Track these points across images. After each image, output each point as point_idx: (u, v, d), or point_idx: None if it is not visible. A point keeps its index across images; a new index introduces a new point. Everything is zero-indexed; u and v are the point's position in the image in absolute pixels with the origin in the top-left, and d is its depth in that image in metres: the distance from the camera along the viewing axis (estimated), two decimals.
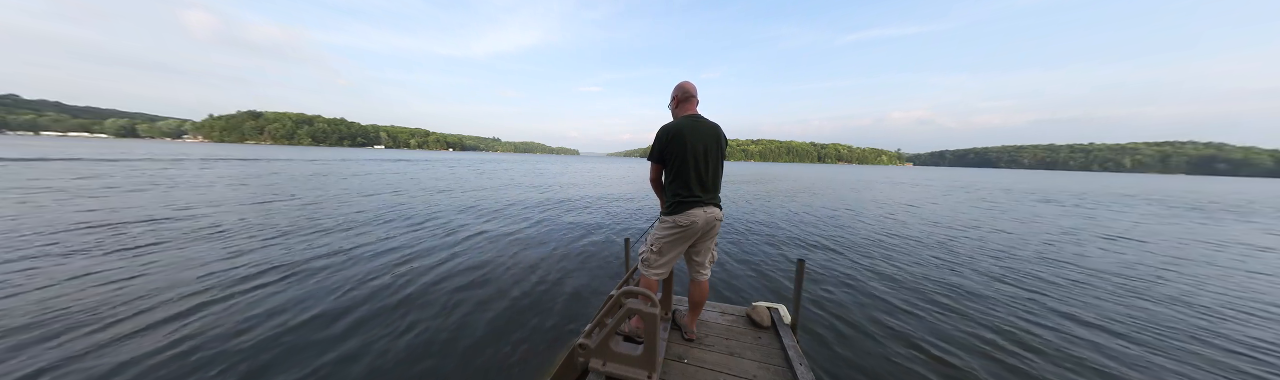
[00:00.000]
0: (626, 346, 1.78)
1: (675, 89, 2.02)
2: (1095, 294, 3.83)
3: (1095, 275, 4.49)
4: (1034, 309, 3.38)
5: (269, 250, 4.33)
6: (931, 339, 2.76)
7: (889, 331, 2.86)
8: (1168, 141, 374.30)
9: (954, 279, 4.18)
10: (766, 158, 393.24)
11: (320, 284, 3.37)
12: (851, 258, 5.02)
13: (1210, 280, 4.44)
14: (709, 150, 1.86)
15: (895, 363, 2.43)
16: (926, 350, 2.60)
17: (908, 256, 5.16)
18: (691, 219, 1.83)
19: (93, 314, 2.65)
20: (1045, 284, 4.10)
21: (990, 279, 4.22)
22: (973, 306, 3.40)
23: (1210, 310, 3.47)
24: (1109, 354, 2.62)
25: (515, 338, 2.59)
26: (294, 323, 2.65)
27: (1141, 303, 3.62)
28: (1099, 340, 2.82)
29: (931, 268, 4.62)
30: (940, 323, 3.04)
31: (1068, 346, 2.71)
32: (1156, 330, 3.02)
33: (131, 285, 3.18)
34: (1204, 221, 9.99)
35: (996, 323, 3.07)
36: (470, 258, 4.38)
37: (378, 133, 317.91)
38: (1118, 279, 4.37)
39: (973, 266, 4.72)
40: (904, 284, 3.96)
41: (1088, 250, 5.90)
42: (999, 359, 2.52)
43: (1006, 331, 2.92)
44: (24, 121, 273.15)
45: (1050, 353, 2.61)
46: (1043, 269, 4.70)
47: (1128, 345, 2.75)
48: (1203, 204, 15.41)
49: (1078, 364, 2.48)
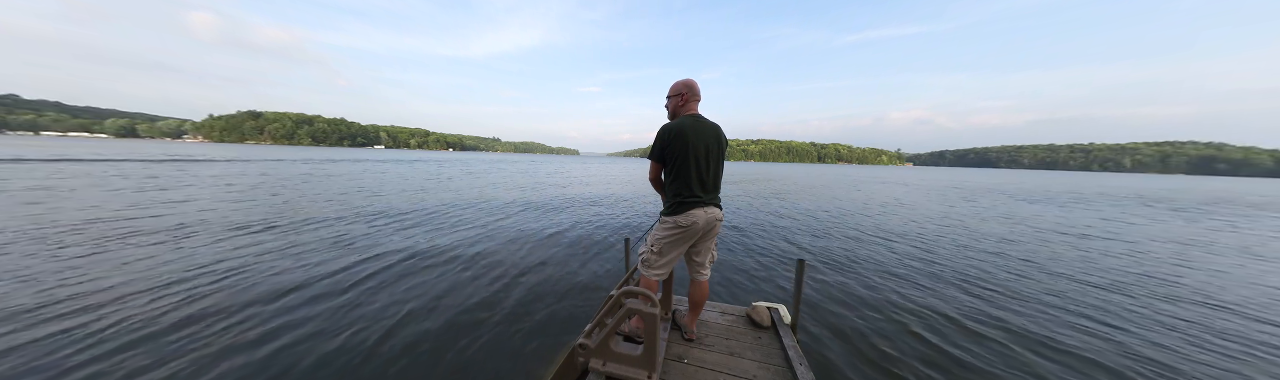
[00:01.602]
0: (626, 346, 1.78)
1: (679, 86, 1.93)
2: (1102, 295, 3.83)
3: (1100, 276, 4.50)
4: (1034, 309, 3.38)
5: (283, 261, 4.33)
6: (932, 338, 2.76)
7: (889, 331, 2.86)
8: (1168, 141, 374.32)
9: (954, 279, 4.18)
10: (766, 158, 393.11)
11: (320, 285, 3.38)
12: (852, 258, 5.02)
13: (1235, 290, 4.44)
14: (710, 150, 1.86)
15: (895, 362, 2.43)
16: (926, 350, 2.60)
17: (908, 256, 5.16)
18: (692, 219, 1.83)
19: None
20: (1047, 284, 4.09)
21: (990, 279, 4.22)
22: (973, 306, 3.40)
23: (1228, 308, 3.48)
24: (1123, 353, 2.62)
25: (515, 338, 2.59)
26: (297, 321, 2.66)
27: (1169, 306, 3.62)
28: (1103, 340, 2.82)
29: (932, 267, 4.61)
30: (941, 322, 3.04)
31: (1067, 347, 2.71)
32: (1172, 334, 3.02)
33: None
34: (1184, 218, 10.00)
35: (997, 322, 3.07)
36: (469, 258, 4.37)
37: (378, 133, 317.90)
38: (1130, 282, 4.38)
39: (973, 266, 4.72)
40: (904, 283, 3.96)
41: (1091, 254, 5.90)
42: (999, 359, 2.52)
43: (1007, 331, 2.91)
44: (24, 121, 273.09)
45: (1050, 352, 2.61)
46: (1044, 270, 4.70)
47: (1144, 344, 2.76)
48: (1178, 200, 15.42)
49: (1080, 362, 2.48)
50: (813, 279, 4.00)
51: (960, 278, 4.23)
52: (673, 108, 1.99)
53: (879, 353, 2.55)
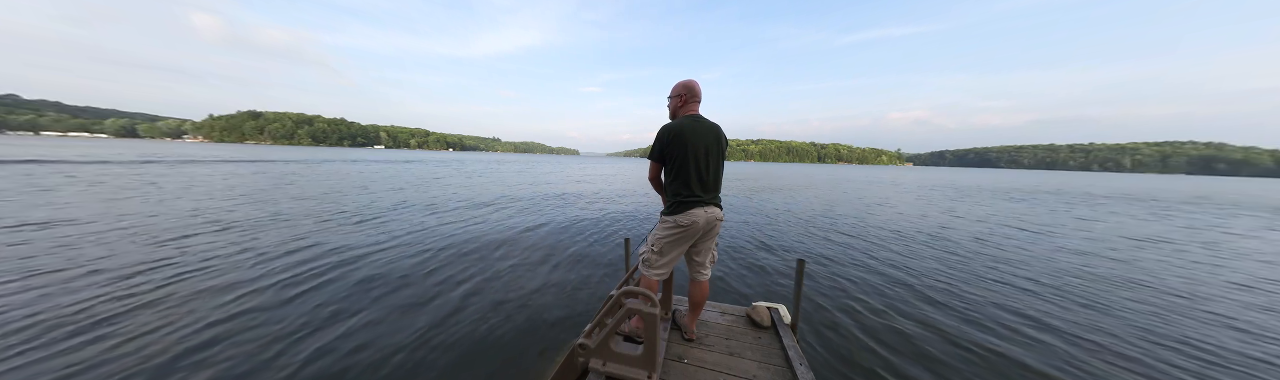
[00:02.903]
0: (626, 346, 1.78)
1: (679, 87, 1.96)
2: (1108, 297, 3.83)
3: (1105, 278, 4.50)
4: (1034, 308, 3.38)
5: (288, 258, 4.33)
6: (933, 338, 2.76)
7: (889, 331, 2.86)
8: (1168, 141, 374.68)
9: (954, 278, 4.18)
10: (766, 158, 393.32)
11: (318, 285, 3.38)
12: (852, 257, 5.01)
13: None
14: (710, 150, 1.87)
15: (895, 362, 2.43)
16: (927, 350, 2.60)
17: (908, 256, 5.16)
18: (692, 219, 1.83)
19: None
20: (1047, 284, 4.10)
21: (989, 278, 4.22)
22: (973, 305, 3.39)
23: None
24: (1120, 354, 2.62)
25: (515, 338, 2.59)
26: (294, 320, 2.66)
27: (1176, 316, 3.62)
28: (1104, 340, 2.82)
29: (932, 267, 4.61)
30: (941, 322, 3.03)
31: (1069, 346, 2.71)
32: (1184, 343, 3.03)
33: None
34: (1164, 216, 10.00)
35: (997, 321, 3.07)
36: (469, 258, 4.37)
37: (378, 133, 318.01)
38: (1140, 285, 4.38)
39: (972, 266, 4.72)
40: (904, 283, 3.96)
41: (1090, 259, 5.90)
42: (999, 358, 2.52)
43: (1007, 330, 2.91)
44: (24, 121, 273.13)
45: (1050, 351, 2.61)
46: (1046, 269, 4.70)
47: (1150, 348, 2.76)
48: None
49: (1079, 363, 2.48)
50: (813, 279, 4.00)
51: (961, 278, 4.23)
52: (673, 108, 2.02)
53: (879, 353, 2.54)
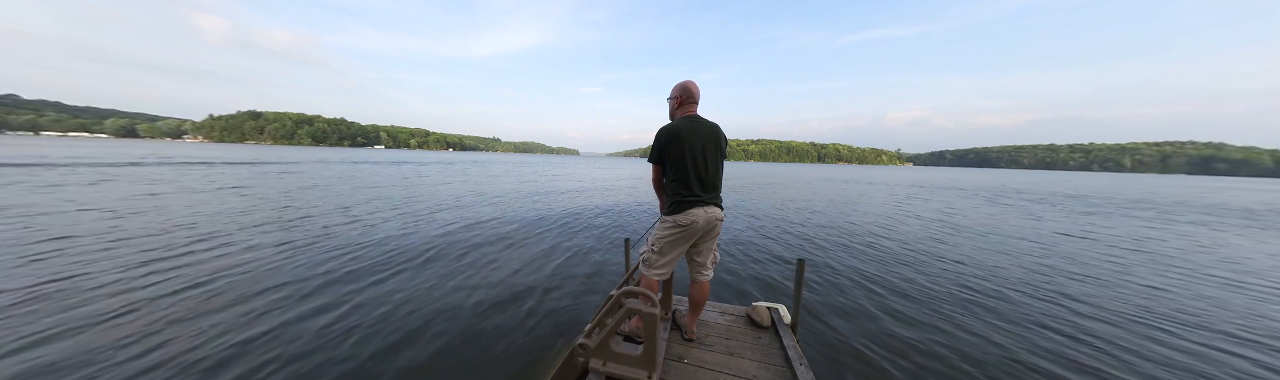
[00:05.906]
0: (626, 346, 1.78)
1: (677, 89, 1.98)
2: (1111, 299, 3.83)
3: (1101, 280, 4.50)
4: (1034, 308, 3.37)
5: (293, 263, 4.33)
6: (932, 338, 2.75)
7: (889, 331, 2.85)
8: (1168, 141, 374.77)
9: (954, 278, 4.17)
10: (766, 158, 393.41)
11: (323, 283, 3.38)
12: (852, 257, 5.01)
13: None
14: (707, 150, 1.87)
15: (896, 362, 2.43)
16: (927, 349, 2.59)
17: (908, 256, 5.15)
18: (692, 218, 1.83)
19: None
20: (1047, 284, 4.09)
21: (988, 279, 4.21)
22: (973, 305, 3.39)
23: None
24: (1123, 350, 2.62)
25: (515, 338, 2.59)
26: (294, 318, 2.66)
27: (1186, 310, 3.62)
28: (1104, 340, 2.82)
29: (931, 267, 4.61)
30: (941, 321, 3.03)
31: (1069, 346, 2.70)
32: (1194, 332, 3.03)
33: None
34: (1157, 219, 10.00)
35: (997, 321, 3.06)
36: (469, 259, 4.37)
37: (378, 133, 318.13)
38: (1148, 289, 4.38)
39: (971, 266, 4.71)
40: (904, 283, 3.95)
41: (1088, 259, 5.90)
42: (999, 358, 2.51)
43: (1007, 330, 2.91)
44: (24, 121, 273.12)
45: (1050, 351, 2.61)
46: (1047, 270, 4.70)
47: (1160, 348, 2.76)
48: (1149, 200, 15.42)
49: (1079, 364, 2.48)
50: (813, 279, 4.00)
51: (961, 278, 4.22)
52: (671, 110, 2.04)
53: (880, 353, 2.54)
